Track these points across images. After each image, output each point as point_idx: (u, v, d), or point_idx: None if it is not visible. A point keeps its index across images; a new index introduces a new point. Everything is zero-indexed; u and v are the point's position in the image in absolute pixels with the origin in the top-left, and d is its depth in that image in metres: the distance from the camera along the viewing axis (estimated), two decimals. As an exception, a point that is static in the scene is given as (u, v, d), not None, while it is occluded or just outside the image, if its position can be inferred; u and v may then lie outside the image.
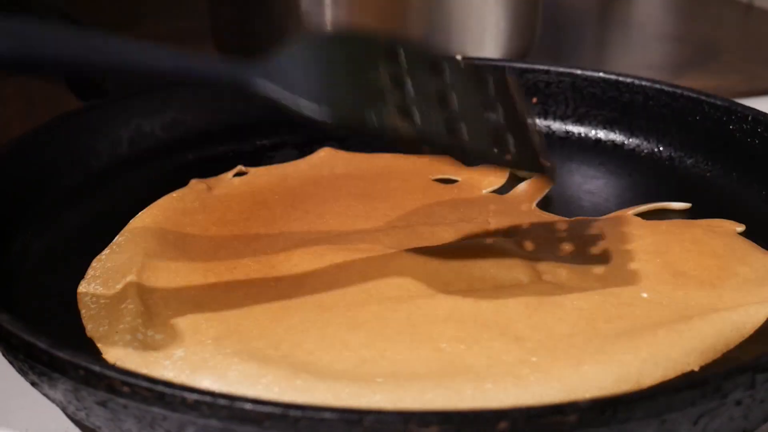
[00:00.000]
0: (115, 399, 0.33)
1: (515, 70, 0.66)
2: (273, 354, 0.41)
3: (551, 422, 0.31)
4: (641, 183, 0.60)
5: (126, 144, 0.60)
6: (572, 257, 0.49)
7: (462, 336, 0.42)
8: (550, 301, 0.45)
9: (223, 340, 0.42)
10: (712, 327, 0.43)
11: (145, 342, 0.42)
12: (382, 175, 0.60)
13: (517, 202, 0.57)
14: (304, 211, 0.55)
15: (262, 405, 0.31)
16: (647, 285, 0.46)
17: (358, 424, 0.31)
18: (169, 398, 0.32)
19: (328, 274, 0.47)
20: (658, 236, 0.51)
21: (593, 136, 0.64)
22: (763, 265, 0.49)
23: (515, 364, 0.40)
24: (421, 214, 0.54)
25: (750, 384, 0.33)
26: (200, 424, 0.32)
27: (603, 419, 0.31)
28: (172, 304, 0.45)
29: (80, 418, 0.36)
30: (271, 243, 0.51)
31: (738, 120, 0.57)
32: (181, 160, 0.61)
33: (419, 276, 0.47)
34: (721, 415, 0.33)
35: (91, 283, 0.47)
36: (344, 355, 0.41)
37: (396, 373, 0.39)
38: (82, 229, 0.52)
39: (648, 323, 0.43)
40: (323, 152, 0.63)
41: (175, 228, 0.52)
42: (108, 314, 0.44)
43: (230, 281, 0.47)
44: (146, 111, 0.61)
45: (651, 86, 0.62)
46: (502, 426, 0.30)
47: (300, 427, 0.31)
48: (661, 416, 0.32)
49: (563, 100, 0.65)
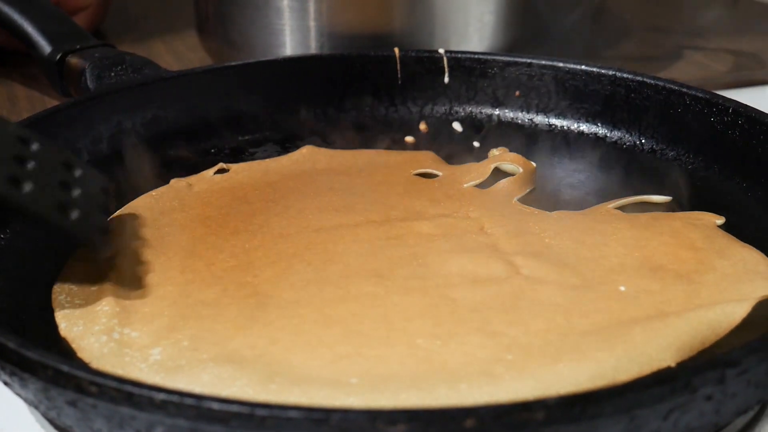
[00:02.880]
0: (83, 399, 0.33)
1: (497, 63, 0.66)
2: (248, 354, 0.41)
3: (519, 419, 0.31)
4: (623, 176, 0.59)
5: (106, 141, 0.60)
6: (551, 251, 0.49)
7: (438, 332, 0.42)
8: (527, 296, 0.45)
9: (200, 339, 0.42)
10: (688, 325, 0.43)
11: (121, 341, 0.42)
12: (364, 171, 0.60)
13: (498, 196, 0.57)
14: (285, 206, 0.54)
15: (229, 404, 0.31)
16: (625, 279, 0.46)
17: (325, 422, 0.30)
18: (137, 398, 0.32)
19: (306, 271, 0.47)
20: (637, 229, 0.51)
21: (576, 129, 0.64)
22: (742, 258, 0.48)
23: (490, 361, 0.40)
24: (402, 208, 0.54)
25: (720, 379, 0.33)
26: (168, 423, 0.32)
27: (571, 416, 0.31)
28: (149, 301, 0.45)
29: (52, 417, 0.36)
30: (249, 238, 0.51)
31: (719, 112, 0.57)
32: (161, 157, 0.61)
33: (397, 272, 0.47)
34: (692, 410, 0.33)
35: (66, 283, 0.47)
36: (320, 352, 0.41)
37: (371, 372, 0.39)
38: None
39: (624, 319, 0.43)
40: (305, 149, 0.63)
41: (152, 227, 0.52)
42: (83, 315, 0.44)
43: (207, 277, 0.47)
44: (127, 107, 0.61)
45: (633, 78, 0.62)
46: (469, 423, 0.30)
47: (267, 426, 0.31)
48: (631, 412, 0.32)
49: (546, 93, 0.65)
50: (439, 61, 0.67)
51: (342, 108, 0.67)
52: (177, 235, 0.51)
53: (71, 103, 0.59)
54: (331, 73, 0.67)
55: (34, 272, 0.48)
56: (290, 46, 0.75)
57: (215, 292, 0.46)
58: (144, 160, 0.60)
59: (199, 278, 0.47)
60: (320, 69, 0.67)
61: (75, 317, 0.45)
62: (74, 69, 0.64)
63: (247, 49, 0.77)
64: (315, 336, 0.42)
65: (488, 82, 0.67)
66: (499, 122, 0.66)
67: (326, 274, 0.47)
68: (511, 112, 0.66)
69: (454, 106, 0.67)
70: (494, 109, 0.67)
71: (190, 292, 0.46)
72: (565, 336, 0.42)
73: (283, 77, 0.66)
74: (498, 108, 0.67)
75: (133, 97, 0.61)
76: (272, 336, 0.42)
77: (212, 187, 0.57)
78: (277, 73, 0.66)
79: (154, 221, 0.53)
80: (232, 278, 0.47)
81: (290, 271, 0.47)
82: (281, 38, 0.75)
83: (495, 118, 0.67)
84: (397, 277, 0.46)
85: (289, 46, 0.75)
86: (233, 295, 0.45)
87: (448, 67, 0.67)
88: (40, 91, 0.76)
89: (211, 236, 0.51)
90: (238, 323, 0.43)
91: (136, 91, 0.62)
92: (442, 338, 0.41)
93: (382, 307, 0.44)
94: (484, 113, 0.67)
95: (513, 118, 0.66)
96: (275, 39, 0.75)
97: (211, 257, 0.49)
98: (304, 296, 0.45)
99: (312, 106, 0.66)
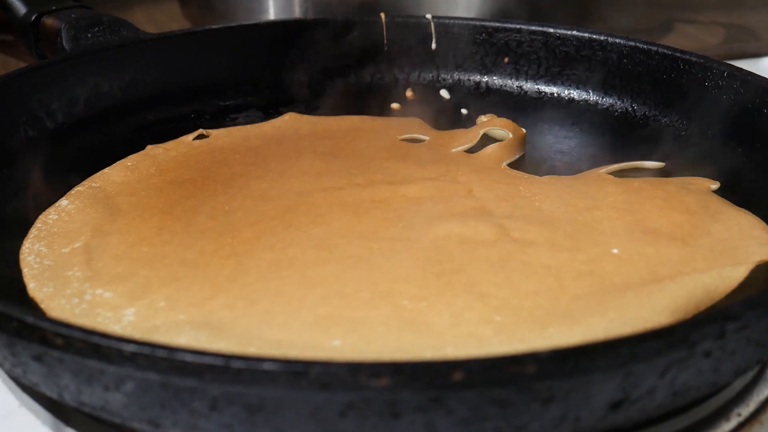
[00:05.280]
0: (49, 352, 0.31)
1: (486, 29, 0.64)
2: (227, 315, 0.39)
3: (509, 373, 0.29)
4: (615, 142, 0.58)
5: (82, 103, 0.58)
6: (542, 215, 0.47)
7: (424, 294, 0.40)
8: (516, 259, 0.43)
9: (177, 299, 0.40)
10: (684, 288, 0.41)
11: (93, 301, 0.41)
12: (348, 136, 0.58)
13: (487, 161, 0.55)
14: (266, 170, 0.53)
15: (202, 356, 0.29)
16: (617, 242, 0.45)
17: (304, 376, 0.29)
18: (105, 350, 0.30)
19: (287, 232, 0.46)
20: (629, 194, 0.49)
21: (566, 96, 0.63)
22: (737, 223, 0.47)
23: (478, 323, 0.38)
24: (387, 172, 0.52)
25: (719, 333, 0.31)
26: (138, 377, 0.30)
27: (564, 370, 0.29)
28: (123, 261, 0.44)
29: (17, 375, 0.34)
30: (229, 200, 0.49)
31: (714, 76, 0.55)
32: (139, 121, 0.59)
33: (381, 234, 0.45)
34: (690, 367, 0.32)
35: (35, 244, 0.45)
36: (300, 313, 0.39)
37: (354, 334, 0.38)
38: (29, 188, 0.50)
39: (617, 282, 0.41)
40: (288, 116, 0.61)
41: (128, 193, 0.50)
42: (53, 276, 0.43)
43: (185, 239, 0.45)
44: (104, 70, 0.59)
45: (625, 44, 0.60)
46: (456, 377, 0.29)
47: (242, 379, 0.29)
48: (626, 367, 0.30)
49: (535, 60, 0.64)
50: (426, 26, 0.65)
51: (326, 74, 0.65)
52: (154, 198, 0.50)
53: (46, 63, 0.57)
54: (316, 39, 0.65)
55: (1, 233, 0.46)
56: (274, 12, 0.73)
57: (192, 253, 0.44)
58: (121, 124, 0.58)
59: (176, 239, 0.45)
60: (304, 34, 0.65)
61: (44, 279, 0.43)
62: (50, 30, 0.62)
63: (229, 15, 0.75)
64: (296, 297, 0.40)
65: (476, 48, 0.65)
66: (487, 89, 0.65)
67: (308, 236, 0.45)
68: (500, 79, 0.65)
69: (442, 73, 0.66)
70: (483, 76, 0.65)
71: (167, 253, 0.44)
72: (556, 299, 0.40)
73: (266, 42, 0.64)
74: (486, 75, 0.65)
75: (111, 59, 0.59)
76: (251, 297, 0.40)
77: (191, 152, 0.56)
78: (260, 38, 0.64)
79: (130, 188, 0.51)
80: (210, 239, 0.45)
81: (270, 232, 0.46)
82: (265, 4, 0.73)
83: (483, 86, 0.65)
84: (382, 239, 0.45)
85: (272, 12, 0.73)
86: (211, 255, 0.44)
87: (436, 33, 0.65)
88: (17, 57, 0.74)
89: (189, 199, 0.50)
90: (216, 284, 0.41)
91: (114, 52, 0.60)
92: (428, 299, 0.40)
93: (367, 269, 0.42)
94: (472, 80, 0.65)
95: (502, 85, 0.65)
96: (258, 5, 0.73)
97: (188, 219, 0.47)
98: (285, 258, 0.43)
99: (295, 72, 0.64)
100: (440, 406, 0.29)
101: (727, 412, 0.38)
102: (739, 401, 0.38)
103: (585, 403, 0.30)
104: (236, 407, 0.30)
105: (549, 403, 0.30)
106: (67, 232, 0.46)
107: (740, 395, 0.38)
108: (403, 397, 0.29)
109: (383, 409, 0.29)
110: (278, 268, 0.43)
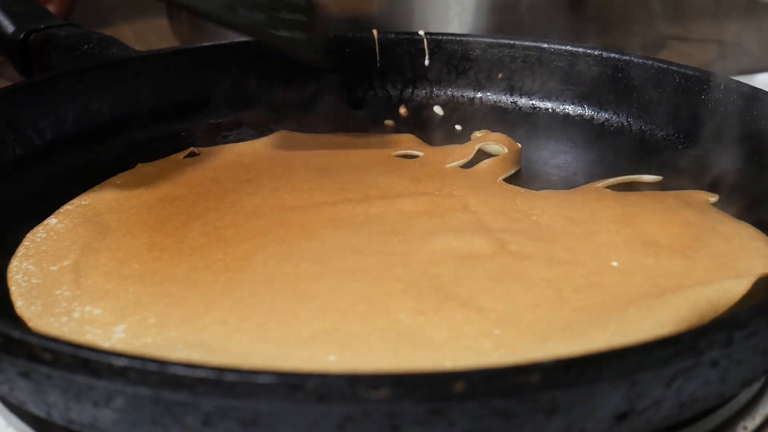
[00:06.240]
0: (37, 368, 0.30)
1: (479, 45, 0.64)
2: (220, 331, 0.38)
3: (512, 383, 0.28)
4: (611, 157, 0.57)
5: (71, 121, 0.57)
6: (539, 228, 0.47)
7: (421, 307, 0.39)
8: (514, 272, 0.42)
9: (168, 315, 0.39)
10: (686, 300, 0.40)
11: (82, 319, 0.40)
12: (341, 151, 0.57)
13: (483, 176, 0.54)
14: (258, 186, 0.52)
15: (195, 369, 0.28)
16: (617, 254, 0.44)
17: (300, 388, 0.28)
18: (95, 364, 0.29)
19: (280, 248, 0.45)
20: (627, 206, 0.49)
21: (561, 112, 0.62)
22: (738, 234, 0.46)
23: (477, 336, 0.38)
24: (381, 187, 0.52)
25: (727, 341, 0.30)
26: (129, 392, 0.29)
27: (568, 379, 0.28)
28: (113, 278, 0.43)
29: (4, 393, 0.33)
30: (221, 217, 0.48)
31: (711, 89, 0.55)
32: (129, 140, 0.58)
33: (376, 249, 0.44)
34: (697, 377, 0.31)
35: (23, 262, 0.44)
36: (295, 328, 0.38)
37: (350, 349, 0.37)
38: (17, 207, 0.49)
39: (618, 294, 0.41)
40: (280, 133, 0.60)
41: (118, 210, 0.49)
42: (41, 294, 0.42)
43: (176, 255, 0.44)
44: (93, 88, 0.58)
45: (620, 58, 0.60)
46: (458, 387, 0.28)
47: (236, 392, 0.28)
48: (632, 376, 0.29)
49: (529, 75, 0.63)
50: (419, 43, 0.65)
51: (319, 91, 0.64)
52: (144, 215, 0.49)
53: (34, 81, 0.57)
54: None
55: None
56: (265, 30, 0.72)
57: (184, 269, 0.43)
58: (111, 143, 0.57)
59: (167, 256, 0.44)
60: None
61: (32, 297, 0.42)
62: (39, 48, 0.61)
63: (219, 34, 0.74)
64: (290, 312, 0.39)
65: (470, 64, 0.64)
66: (481, 105, 0.64)
67: (302, 251, 0.44)
68: (494, 95, 0.64)
69: (435, 90, 0.65)
70: (476, 92, 0.65)
71: (158, 270, 0.43)
72: (556, 312, 0.39)
73: (257, 59, 0.63)
74: (480, 91, 0.65)
75: (100, 77, 0.58)
76: (244, 312, 0.39)
77: (182, 169, 0.55)
78: (251, 55, 0.63)
79: (119, 205, 0.50)
80: (202, 255, 0.44)
81: (264, 248, 0.45)
82: (256, 22, 0.72)
83: (477, 102, 0.64)
84: (377, 254, 0.44)
85: (263, 31, 0.72)
86: (203, 271, 0.43)
87: (429, 49, 0.65)
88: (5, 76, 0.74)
89: (180, 215, 0.49)
90: (209, 299, 0.41)
91: (103, 70, 0.59)
92: (425, 313, 0.39)
93: (362, 283, 0.41)
94: (466, 96, 0.65)
95: (496, 101, 0.64)
96: (249, 23, 0.72)
97: (179, 235, 0.46)
98: (279, 272, 0.43)
99: (287, 90, 0.64)
100: (441, 418, 0.28)
101: (733, 425, 0.37)
102: (745, 414, 0.37)
103: (590, 414, 0.30)
104: (230, 422, 0.29)
105: (553, 414, 0.29)
106: (56, 250, 0.46)
107: (746, 408, 0.38)
108: (403, 409, 0.28)
109: (383, 421, 0.28)
110: (272, 283, 0.42)
